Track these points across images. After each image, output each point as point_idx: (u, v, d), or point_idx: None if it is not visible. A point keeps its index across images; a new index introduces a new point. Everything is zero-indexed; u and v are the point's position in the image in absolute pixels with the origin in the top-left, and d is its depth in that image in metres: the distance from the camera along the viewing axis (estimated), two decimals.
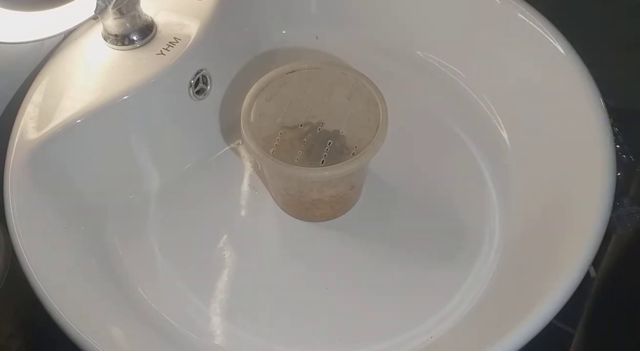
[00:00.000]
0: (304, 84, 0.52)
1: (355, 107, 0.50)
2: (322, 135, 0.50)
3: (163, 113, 0.53)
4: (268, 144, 0.48)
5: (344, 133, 0.49)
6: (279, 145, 0.49)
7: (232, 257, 0.51)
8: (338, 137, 0.49)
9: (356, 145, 0.48)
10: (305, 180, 0.48)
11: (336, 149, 0.49)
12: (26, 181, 0.47)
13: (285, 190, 0.51)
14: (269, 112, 0.50)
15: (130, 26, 0.51)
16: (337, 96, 0.51)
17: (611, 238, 0.55)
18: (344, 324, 0.47)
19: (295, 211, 0.54)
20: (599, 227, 0.43)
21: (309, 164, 0.48)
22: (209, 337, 0.47)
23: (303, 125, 0.50)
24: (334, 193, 0.50)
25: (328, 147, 0.49)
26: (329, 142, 0.49)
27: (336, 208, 0.53)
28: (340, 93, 0.51)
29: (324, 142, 0.49)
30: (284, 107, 0.51)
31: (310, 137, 0.50)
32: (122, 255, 0.50)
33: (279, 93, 0.51)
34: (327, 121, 0.50)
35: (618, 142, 0.58)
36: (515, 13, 0.55)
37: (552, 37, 0.54)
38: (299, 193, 0.50)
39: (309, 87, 0.52)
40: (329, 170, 0.46)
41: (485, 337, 0.41)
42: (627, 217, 0.55)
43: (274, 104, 0.51)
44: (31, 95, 0.50)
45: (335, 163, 0.46)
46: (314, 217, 0.53)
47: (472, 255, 0.50)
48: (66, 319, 0.41)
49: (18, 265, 0.44)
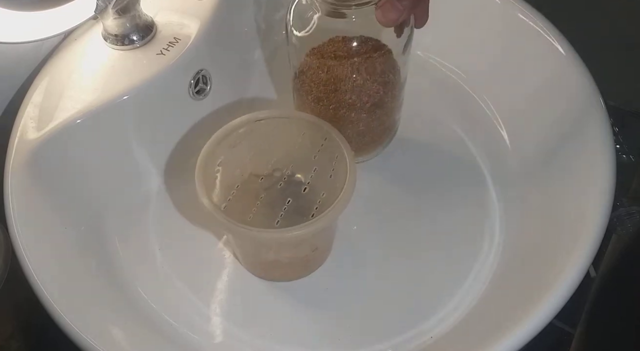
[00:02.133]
0: (272, 133, 0.48)
1: (322, 163, 0.47)
2: (283, 191, 0.46)
3: (163, 113, 0.53)
4: (222, 197, 0.45)
5: (306, 191, 0.46)
6: (233, 199, 0.45)
7: (232, 257, 0.51)
8: (300, 195, 0.46)
9: (317, 206, 0.44)
10: (259, 240, 0.43)
11: (295, 208, 0.45)
12: (26, 181, 0.47)
13: (241, 247, 0.48)
14: (230, 162, 0.46)
15: (130, 26, 0.51)
16: (305, 149, 0.48)
17: (611, 238, 0.55)
18: (344, 324, 0.47)
19: (254, 270, 0.50)
20: (599, 227, 0.43)
21: (262, 223, 0.44)
22: (209, 337, 0.47)
23: (264, 179, 0.47)
24: (293, 255, 0.47)
25: (286, 205, 0.45)
26: (288, 200, 0.46)
27: (298, 270, 0.49)
28: (308, 147, 0.48)
29: (283, 199, 0.46)
30: (247, 158, 0.47)
31: (270, 192, 0.46)
32: (122, 255, 0.50)
33: (244, 141, 0.47)
34: (290, 176, 0.47)
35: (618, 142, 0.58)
36: (515, 13, 0.55)
37: (552, 37, 0.54)
38: (255, 253, 0.48)
39: (277, 137, 0.48)
40: (279, 232, 0.41)
41: (485, 337, 0.41)
42: (627, 217, 0.55)
43: (237, 153, 0.47)
44: (31, 95, 0.50)
45: (291, 224, 0.41)
46: (273, 277, 0.50)
47: (472, 255, 0.50)
48: (66, 319, 0.41)
49: (18, 265, 0.44)
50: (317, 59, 0.49)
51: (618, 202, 0.55)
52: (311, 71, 0.49)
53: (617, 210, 0.55)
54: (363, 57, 0.47)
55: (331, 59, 0.48)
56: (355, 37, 0.47)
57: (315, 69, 0.49)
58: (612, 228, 0.55)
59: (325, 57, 0.48)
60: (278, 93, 0.61)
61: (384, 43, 0.48)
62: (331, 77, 0.49)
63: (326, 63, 0.48)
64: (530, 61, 0.55)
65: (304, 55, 0.49)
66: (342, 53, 0.48)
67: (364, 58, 0.48)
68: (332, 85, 0.49)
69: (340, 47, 0.48)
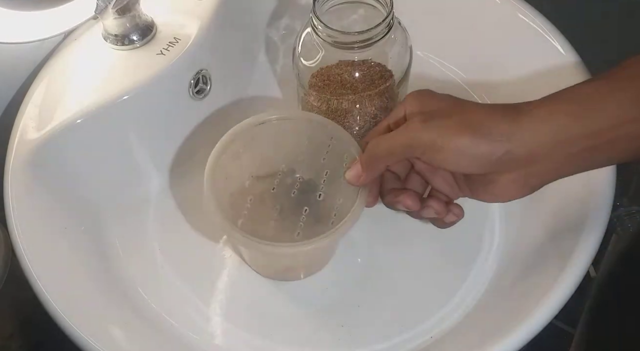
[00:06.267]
0: (275, 137, 0.46)
1: (332, 165, 0.45)
2: (298, 199, 0.45)
3: (163, 113, 0.53)
4: (236, 212, 0.43)
5: (322, 197, 0.45)
6: (248, 213, 0.44)
7: (232, 256, 0.51)
8: (315, 202, 0.45)
9: (335, 212, 0.43)
10: (284, 255, 0.42)
11: (314, 216, 0.44)
12: (26, 181, 0.47)
13: (255, 258, 0.48)
14: (236, 174, 0.45)
15: (130, 26, 0.51)
16: (312, 152, 0.46)
17: (611, 238, 0.55)
18: (344, 324, 0.47)
19: (264, 273, 0.49)
20: (599, 227, 0.43)
21: (283, 236, 0.43)
22: (209, 337, 0.47)
23: (276, 188, 0.46)
24: (310, 258, 0.48)
25: (304, 214, 0.44)
26: (304, 209, 0.44)
27: (311, 269, 0.49)
28: (315, 149, 0.46)
29: (299, 208, 0.44)
30: (254, 166, 0.46)
31: (285, 202, 0.45)
32: (122, 255, 0.50)
33: (247, 149, 0.46)
34: (302, 183, 0.46)
35: None
36: (515, 13, 0.55)
37: (552, 37, 0.54)
38: (270, 262, 0.48)
39: (281, 140, 0.46)
40: (305, 245, 0.41)
41: (485, 337, 0.41)
42: (627, 217, 0.55)
43: (244, 162, 0.45)
44: (31, 95, 0.50)
45: (312, 234, 0.41)
46: (285, 278, 0.49)
47: (472, 255, 0.50)
48: (66, 319, 0.41)
49: (18, 265, 0.44)
50: (320, 89, 0.49)
51: (618, 202, 0.55)
52: (312, 97, 0.50)
53: (617, 210, 0.55)
54: (367, 92, 0.49)
55: (337, 89, 0.49)
56: (362, 61, 0.49)
57: (317, 104, 0.50)
58: (612, 228, 0.54)
59: (330, 84, 0.49)
60: (278, 93, 0.61)
61: (389, 68, 0.49)
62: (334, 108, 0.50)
63: (328, 98, 0.49)
64: (530, 61, 0.55)
65: (310, 76, 0.50)
66: (348, 78, 0.49)
67: (368, 94, 0.49)
68: (331, 115, 0.50)
69: (347, 70, 0.49)
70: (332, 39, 0.46)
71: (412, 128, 0.38)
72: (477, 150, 0.36)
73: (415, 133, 0.37)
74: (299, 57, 0.50)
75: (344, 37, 0.46)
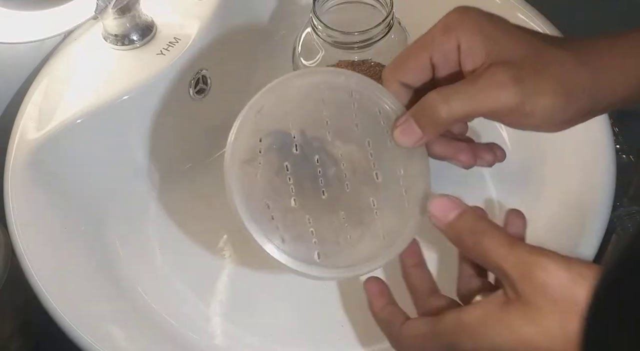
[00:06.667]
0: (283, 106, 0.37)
1: (369, 128, 0.37)
2: (357, 191, 0.36)
3: (163, 113, 0.53)
4: (284, 224, 0.35)
5: (380, 179, 0.37)
6: (289, 222, 0.36)
7: (232, 257, 0.51)
8: (376, 186, 0.37)
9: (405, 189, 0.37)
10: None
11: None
12: (26, 181, 0.47)
13: None
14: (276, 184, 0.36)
15: (130, 26, 0.51)
16: (340, 119, 0.37)
17: (611, 238, 0.55)
18: (345, 324, 0.47)
19: None
20: (599, 227, 0.43)
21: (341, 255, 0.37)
22: (209, 337, 0.47)
23: (323, 180, 0.36)
24: None
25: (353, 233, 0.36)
26: (371, 200, 0.37)
27: None
28: (341, 113, 0.37)
29: (361, 205, 0.36)
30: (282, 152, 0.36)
31: (338, 197, 0.36)
32: (122, 255, 0.50)
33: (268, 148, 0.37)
34: (350, 164, 0.37)
35: (618, 142, 0.58)
36: (515, 13, 0.55)
37: None
38: None
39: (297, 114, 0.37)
40: (363, 269, 0.37)
41: None
42: (627, 217, 0.55)
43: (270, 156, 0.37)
44: (31, 95, 0.50)
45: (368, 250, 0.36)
46: None
47: None
48: (66, 319, 0.41)
49: (18, 265, 0.44)
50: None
51: (618, 202, 0.55)
52: None
53: (617, 210, 0.55)
54: None
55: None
56: (362, 61, 0.48)
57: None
58: (612, 228, 0.54)
59: None
60: None
61: None
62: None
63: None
64: None
65: None
66: None
67: None
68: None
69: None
70: (332, 39, 0.46)
71: (502, 87, 0.32)
72: (567, 114, 0.33)
73: (506, 95, 0.32)
74: (299, 57, 0.49)
75: (344, 37, 0.46)
